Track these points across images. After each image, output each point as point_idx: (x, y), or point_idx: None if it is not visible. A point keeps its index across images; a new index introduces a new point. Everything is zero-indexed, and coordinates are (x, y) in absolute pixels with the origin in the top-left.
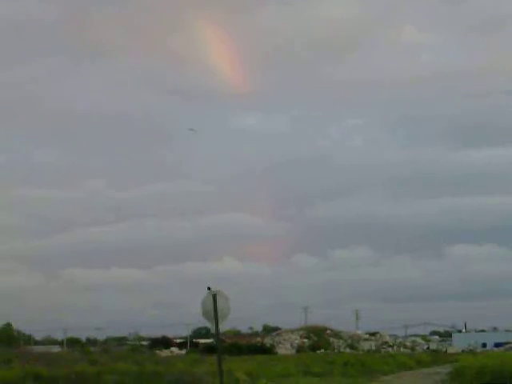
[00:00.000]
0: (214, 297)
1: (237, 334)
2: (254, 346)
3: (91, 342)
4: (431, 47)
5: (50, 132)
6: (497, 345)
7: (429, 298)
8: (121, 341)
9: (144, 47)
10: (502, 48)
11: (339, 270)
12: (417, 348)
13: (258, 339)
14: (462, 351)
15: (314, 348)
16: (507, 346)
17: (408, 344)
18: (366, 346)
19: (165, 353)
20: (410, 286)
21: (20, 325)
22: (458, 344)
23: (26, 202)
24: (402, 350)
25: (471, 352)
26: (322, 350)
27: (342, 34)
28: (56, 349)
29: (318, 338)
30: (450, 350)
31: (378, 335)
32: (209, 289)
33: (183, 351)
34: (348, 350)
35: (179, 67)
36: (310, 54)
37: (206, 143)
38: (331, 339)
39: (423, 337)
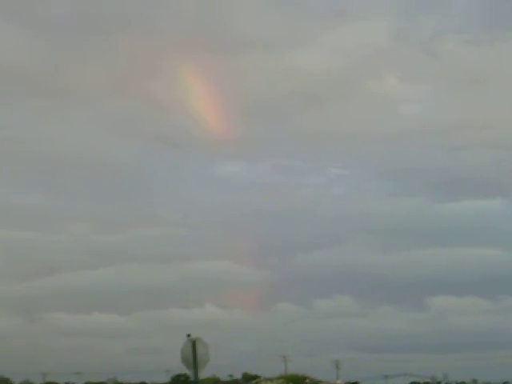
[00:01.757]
0: (194, 344)
1: (216, 381)
2: None
3: None
4: (414, 100)
5: (33, 176)
6: None
7: (410, 349)
8: None
9: (125, 92)
10: (483, 103)
11: (321, 319)
12: None
13: None
14: None
15: None
16: None
17: None
18: None
19: None
20: (392, 336)
21: None
22: None
23: (8, 245)
24: None
25: None
26: None
27: (324, 84)
28: None
29: None
30: None
31: None
32: (188, 336)
33: None
34: None
35: (161, 113)
36: (293, 104)
37: (189, 190)
38: None
39: None
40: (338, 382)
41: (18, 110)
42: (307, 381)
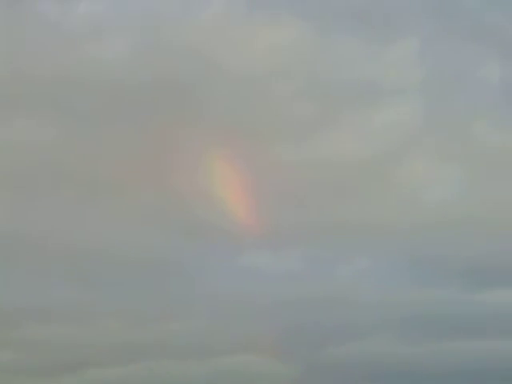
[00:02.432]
0: None
1: None
2: None
3: None
4: (443, 187)
5: (61, 271)
6: None
7: None
8: None
9: (149, 184)
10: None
11: None
12: None
13: None
14: None
15: None
16: None
17: None
18: None
19: None
20: None
21: None
22: None
23: (35, 339)
24: None
25: None
26: None
27: (353, 174)
28: None
29: None
30: None
31: None
32: None
33: None
34: None
35: (187, 206)
36: (319, 194)
37: (215, 282)
38: None
39: None
40: None
41: (44, 205)
42: None
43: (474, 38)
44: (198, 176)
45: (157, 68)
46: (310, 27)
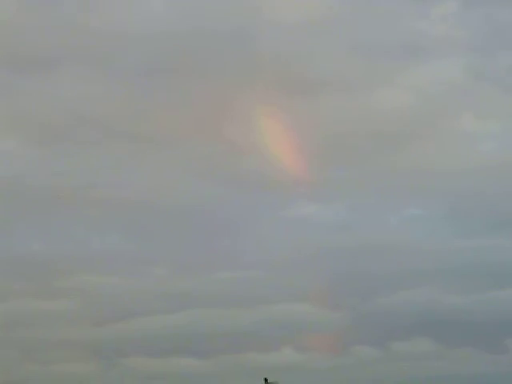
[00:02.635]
0: None
1: None
2: None
3: None
4: (491, 136)
5: (110, 221)
6: None
7: None
8: None
9: (200, 137)
10: None
11: (400, 361)
12: None
13: None
14: None
15: None
16: None
17: None
18: None
19: None
20: (471, 377)
21: None
22: None
23: (86, 289)
24: None
25: None
26: None
27: (401, 124)
28: None
29: None
30: None
31: None
32: (266, 380)
33: None
34: None
35: (237, 157)
36: (369, 144)
37: (265, 232)
38: None
39: None
40: None
41: (94, 156)
42: None
43: None
44: (249, 131)
45: (205, 18)
46: None
